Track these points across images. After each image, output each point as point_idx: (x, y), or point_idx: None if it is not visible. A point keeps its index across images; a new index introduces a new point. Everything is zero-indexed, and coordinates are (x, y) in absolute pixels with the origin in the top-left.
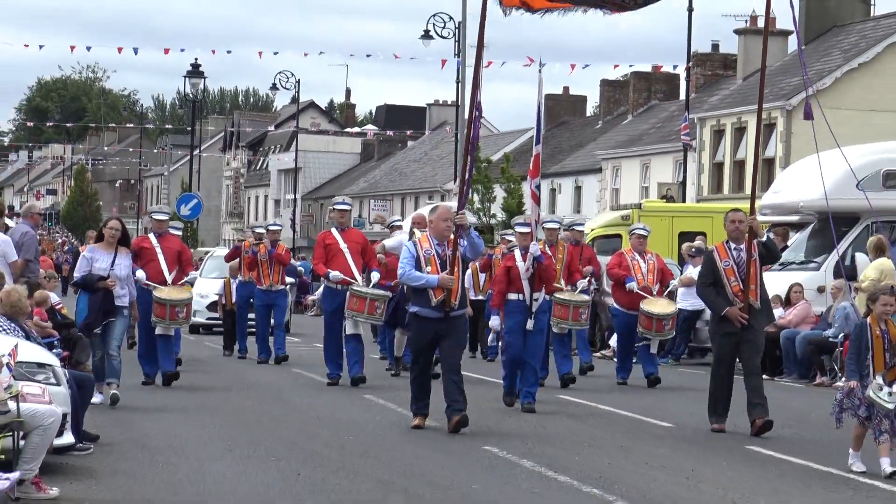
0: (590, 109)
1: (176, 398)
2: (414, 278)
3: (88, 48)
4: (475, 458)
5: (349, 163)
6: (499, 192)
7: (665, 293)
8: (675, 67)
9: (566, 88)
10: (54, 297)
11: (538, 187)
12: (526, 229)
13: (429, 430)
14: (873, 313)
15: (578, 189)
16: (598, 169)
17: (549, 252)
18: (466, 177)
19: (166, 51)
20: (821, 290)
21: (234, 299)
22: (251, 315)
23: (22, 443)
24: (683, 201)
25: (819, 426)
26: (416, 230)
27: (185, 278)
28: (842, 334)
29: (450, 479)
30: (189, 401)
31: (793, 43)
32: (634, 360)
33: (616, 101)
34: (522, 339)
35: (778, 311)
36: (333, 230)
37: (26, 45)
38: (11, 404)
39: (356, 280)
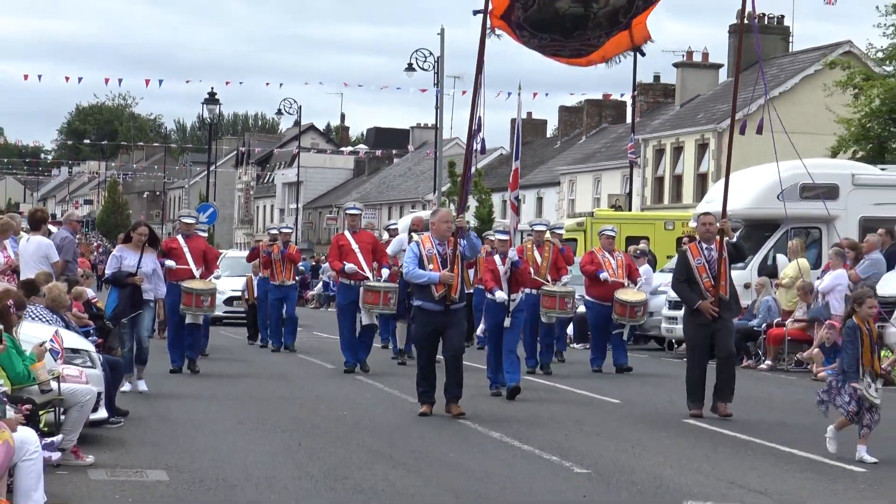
0: (550, 131)
1: (196, 380)
2: (417, 275)
3: (120, 80)
4: (451, 430)
5: (344, 177)
6: (472, 202)
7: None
8: (622, 95)
9: (529, 113)
10: (90, 293)
11: (517, 198)
12: (504, 237)
13: (412, 405)
14: (858, 315)
15: (540, 200)
16: (556, 182)
17: (538, 251)
18: (466, 186)
19: (187, 81)
20: (747, 286)
21: (254, 294)
22: None
23: (62, 417)
24: (630, 210)
25: (746, 403)
26: (413, 234)
27: (211, 276)
28: (765, 323)
29: (429, 448)
30: (207, 382)
31: (723, 74)
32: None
33: (572, 125)
34: (501, 336)
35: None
36: (346, 232)
37: (67, 78)
38: (54, 384)
39: (368, 278)
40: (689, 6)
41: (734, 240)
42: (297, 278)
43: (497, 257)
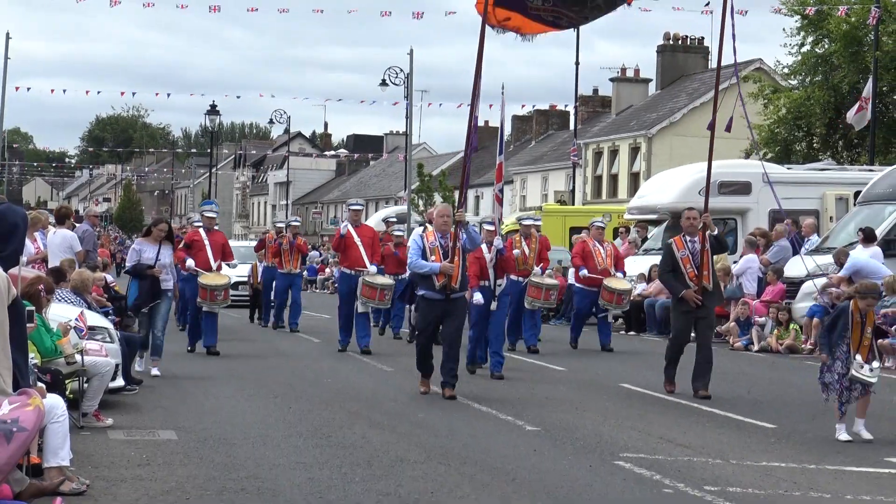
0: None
1: (201, 354)
2: (420, 266)
3: (134, 93)
4: (422, 395)
5: (327, 177)
6: (437, 199)
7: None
8: (566, 106)
9: (486, 122)
10: (109, 278)
11: (501, 191)
12: (491, 227)
13: (387, 373)
14: (857, 303)
15: (500, 195)
16: (510, 181)
17: (525, 242)
18: (465, 182)
19: (191, 95)
20: None
21: (259, 279)
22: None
23: (85, 386)
24: (573, 204)
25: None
26: (428, 224)
27: (228, 264)
28: None
29: (401, 410)
30: (212, 356)
31: (652, 88)
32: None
33: (523, 131)
34: (487, 319)
35: (641, 285)
36: (349, 226)
37: (87, 92)
38: (78, 357)
39: (367, 268)
40: (621, 30)
41: (716, 233)
42: (303, 267)
43: (484, 246)
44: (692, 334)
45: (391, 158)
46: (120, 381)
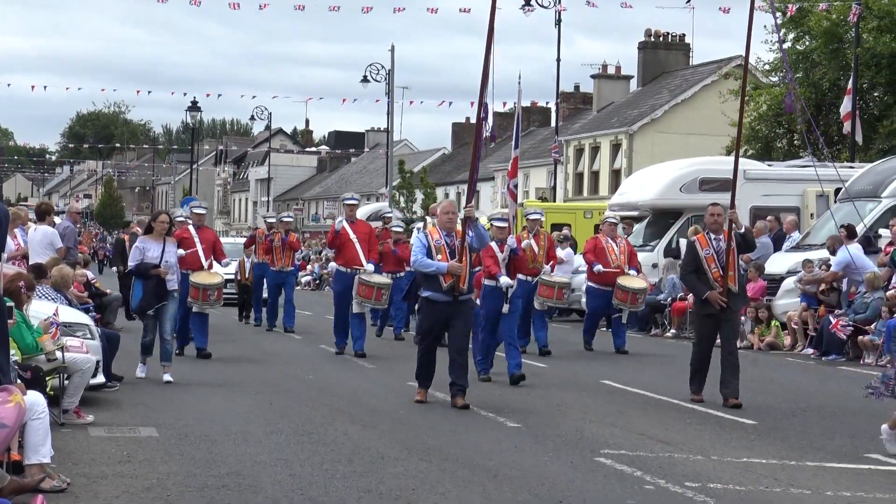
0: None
1: (191, 357)
2: (425, 265)
3: (115, 90)
4: (402, 391)
5: (308, 174)
6: (419, 195)
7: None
8: (547, 103)
9: (468, 118)
10: (90, 275)
11: (515, 186)
12: (503, 224)
13: (369, 370)
14: None
15: (478, 193)
16: (492, 178)
17: (533, 240)
18: (474, 175)
19: (172, 93)
20: (654, 265)
21: (247, 276)
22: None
23: (66, 382)
24: (554, 201)
25: (653, 366)
26: (428, 218)
27: (220, 266)
28: (670, 298)
29: (383, 406)
30: (193, 353)
31: (633, 84)
32: (603, 330)
33: (505, 127)
34: (498, 322)
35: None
36: (344, 222)
37: (67, 88)
38: (59, 354)
39: (364, 266)
40: (602, 26)
41: (742, 230)
42: (295, 265)
43: (495, 244)
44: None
45: (372, 155)
46: (101, 378)
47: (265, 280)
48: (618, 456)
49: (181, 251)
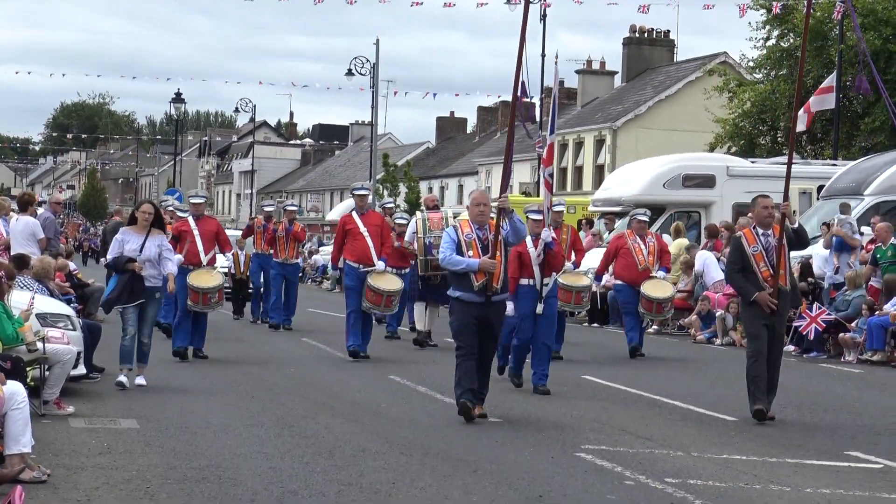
0: (469, 128)
1: (165, 343)
2: (455, 262)
3: (98, 75)
4: (383, 384)
5: (292, 166)
6: (402, 189)
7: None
8: (532, 97)
9: (452, 112)
10: (72, 265)
11: (551, 175)
12: (538, 216)
13: (350, 364)
14: None
15: (461, 187)
16: (475, 172)
17: (555, 233)
18: (509, 164)
19: (156, 78)
20: None
21: (242, 269)
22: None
23: (47, 373)
24: (538, 196)
25: (636, 362)
26: (420, 211)
27: (223, 263)
28: None
29: (364, 400)
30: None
31: (618, 80)
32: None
33: (489, 122)
34: (533, 324)
35: (606, 276)
36: (354, 214)
37: (51, 74)
38: (39, 344)
39: (374, 263)
40: (586, 22)
41: (797, 225)
42: (300, 257)
43: (529, 239)
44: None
45: (356, 148)
46: (82, 369)
47: (265, 272)
48: (598, 451)
49: (179, 257)
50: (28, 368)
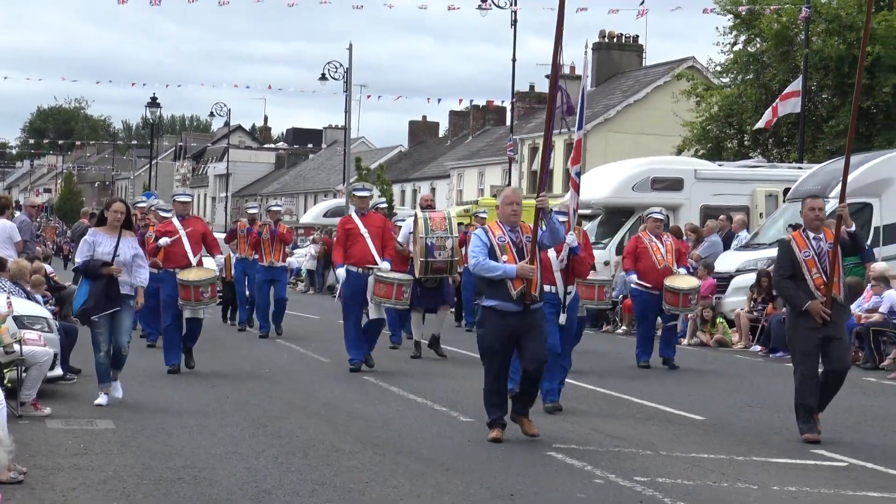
0: (441, 132)
1: (140, 345)
2: (490, 268)
3: (75, 80)
4: (358, 385)
5: (266, 170)
6: (375, 192)
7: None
8: (503, 102)
9: (424, 117)
10: (48, 268)
11: (578, 174)
12: (564, 218)
13: (324, 364)
14: None
15: (433, 190)
16: (447, 175)
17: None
18: (546, 158)
19: (133, 84)
20: (606, 263)
21: (233, 272)
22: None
23: (24, 375)
24: None
25: (604, 361)
26: (419, 211)
27: (213, 264)
28: (621, 295)
29: (338, 401)
30: (149, 347)
31: (587, 85)
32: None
33: (460, 126)
34: (554, 334)
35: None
36: (353, 215)
37: (28, 79)
38: (16, 346)
39: (377, 264)
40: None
41: (853, 228)
42: (287, 260)
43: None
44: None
45: (330, 152)
46: (58, 371)
47: (250, 277)
48: (568, 450)
49: (165, 239)
50: (5, 370)
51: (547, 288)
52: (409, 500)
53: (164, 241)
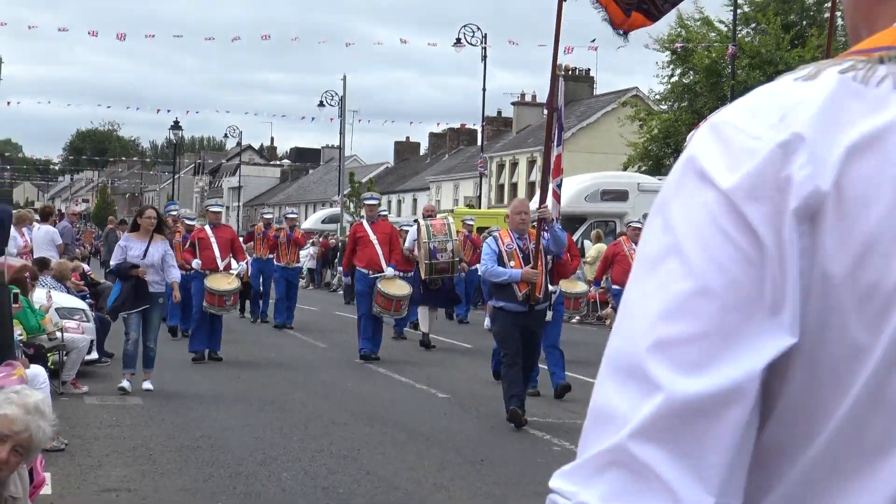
0: (422, 150)
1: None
2: (497, 273)
3: (108, 106)
4: (351, 367)
5: (272, 183)
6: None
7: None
8: (474, 125)
9: (408, 137)
10: (86, 267)
11: (559, 186)
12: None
13: (323, 349)
14: None
15: (415, 201)
16: (427, 188)
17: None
18: (547, 170)
19: (157, 111)
20: None
21: (249, 272)
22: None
23: (65, 358)
24: (480, 208)
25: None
26: (421, 220)
27: (235, 268)
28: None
29: (334, 380)
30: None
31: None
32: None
33: (438, 146)
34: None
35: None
36: (364, 222)
37: (69, 104)
38: (58, 334)
39: (384, 270)
40: (516, 61)
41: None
42: (301, 261)
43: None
44: None
45: (327, 168)
46: (94, 355)
47: (264, 276)
48: (532, 422)
49: (197, 262)
50: (49, 354)
51: None
52: (395, 464)
53: (196, 263)
